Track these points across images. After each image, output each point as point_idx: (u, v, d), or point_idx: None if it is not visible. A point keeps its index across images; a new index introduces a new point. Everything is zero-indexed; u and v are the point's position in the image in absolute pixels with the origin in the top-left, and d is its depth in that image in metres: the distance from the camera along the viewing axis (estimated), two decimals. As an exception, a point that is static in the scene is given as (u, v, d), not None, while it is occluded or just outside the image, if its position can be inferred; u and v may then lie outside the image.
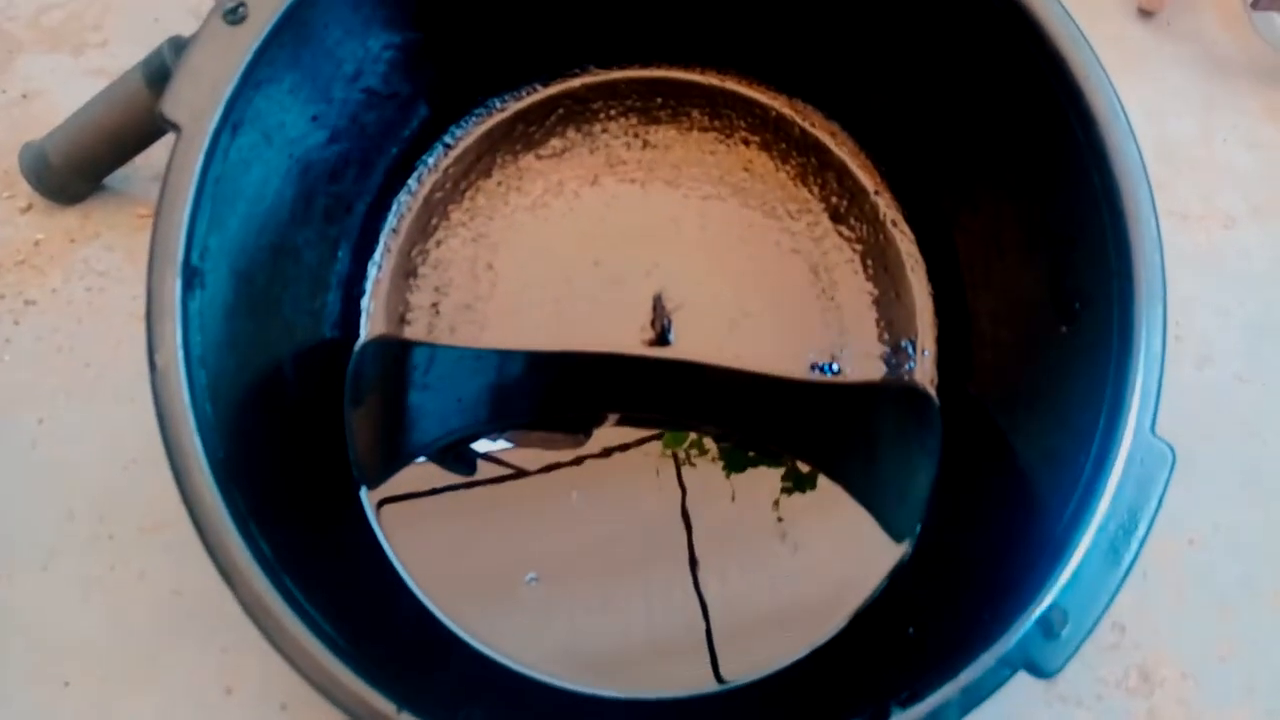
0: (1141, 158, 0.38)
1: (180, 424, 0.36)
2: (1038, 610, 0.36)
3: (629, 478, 0.48)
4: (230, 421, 0.38)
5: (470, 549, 0.47)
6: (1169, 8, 0.70)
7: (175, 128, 0.36)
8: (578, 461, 0.49)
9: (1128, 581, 0.36)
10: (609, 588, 0.47)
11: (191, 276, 0.37)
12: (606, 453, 0.49)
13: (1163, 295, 0.37)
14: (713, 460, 0.49)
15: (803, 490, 0.48)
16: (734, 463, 0.49)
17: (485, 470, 0.48)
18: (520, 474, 0.48)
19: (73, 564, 0.48)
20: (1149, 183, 0.38)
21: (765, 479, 0.49)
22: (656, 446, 0.49)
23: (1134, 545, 0.37)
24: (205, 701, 0.46)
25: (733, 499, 0.48)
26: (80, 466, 0.50)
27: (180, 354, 0.36)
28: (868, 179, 0.52)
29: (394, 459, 0.48)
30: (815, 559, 0.47)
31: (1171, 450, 0.37)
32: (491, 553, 0.47)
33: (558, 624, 0.46)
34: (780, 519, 0.48)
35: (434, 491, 0.48)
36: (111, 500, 0.49)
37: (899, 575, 0.46)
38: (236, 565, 0.35)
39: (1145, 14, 0.70)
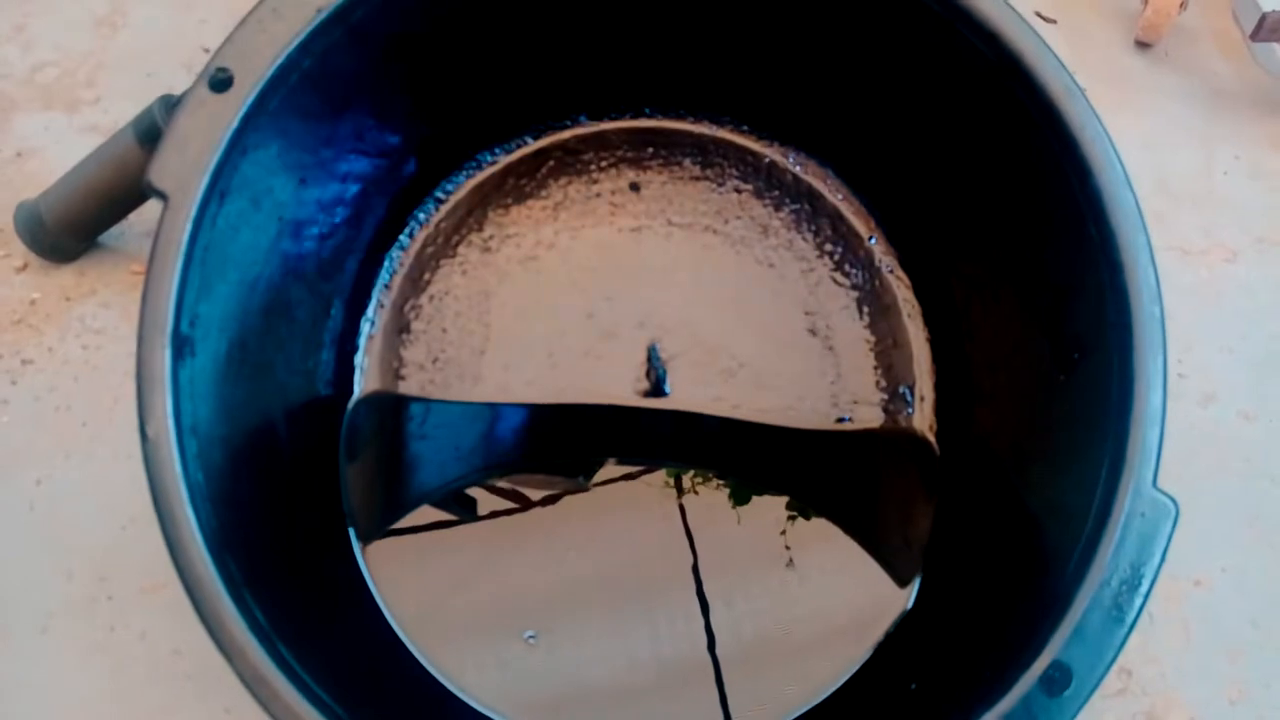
0: (1139, 208, 0.38)
1: (172, 495, 0.35)
2: (1040, 668, 0.35)
3: (632, 508, 0.48)
4: (223, 488, 0.38)
5: (466, 596, 0.47)
6: (1167, 39, 0.70)
7: (163, 197, 0.36)
8: (578, 491, 0.48)
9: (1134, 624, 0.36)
10: (612, 631, 0.46)
11: (182, 345, 0.37)
12: (606, 483, 0.49)
13: (1163, 347, 0.37)
14: (717, 488, 0.48)
15: (807, 517, 0.48)
16: (739, 495, 0.48)
17: (485, 503, 0.48)
18: (522, 505, 0.48)
19: (72, 625, 0.48)
20: (1147, 234, 0.37)
21: (770, 506, 0.48)
22: (659, 476, 0.49)
23: (1138, 601, 0.36)
24: (205, 764, 0.46)
25: (739, 522, 0.48)
26: (79, 527, 0.50)
27: (171, 424, 0.36)
28: (862, 225, 0.51)
29: (391, 511, 0.48)
30: (822, 592, 0.47)
31: (1175, 504, 0.36)
32: (491, 603, 0.47)
33: (558, 679, 0.46)
34: (788, 546, 0.48)
35: (431, 527, 0.48)
36: (110, 560, 0.49)
37: (902, 627, 0.46)
38: (233, 638, 0.34)
39: (1143, 45, 0.70)
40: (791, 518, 0.48)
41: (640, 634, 0.46)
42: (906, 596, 0.47)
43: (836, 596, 0.47)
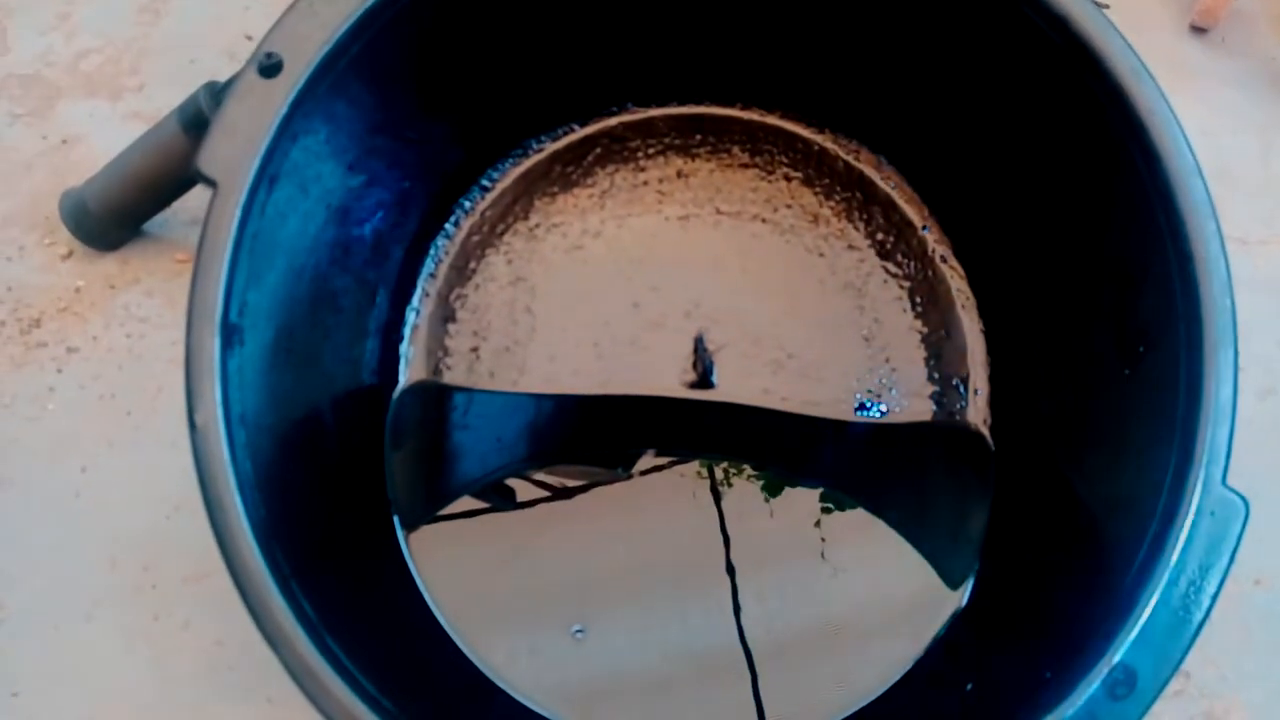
0: (1209, 195, 0.36)
1: (221, 483, 0.35)
2: (1104, 670, 0.34)
3: (666, 499, 0.48)
4: (271, 476, 0.37)
5: (508, 589, 0.47)
6: (1224, 23, 0.68)
7: (212, 184, 0.36)
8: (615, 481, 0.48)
9: (1193, 626, 0.35)
10: (651, 633, 0.46)
11: (230, 334, 0.36)
12: (641, 474, 0.48)
13: (1233, 340, 0.36)
14: (749, 479, 0.48)
15: (843, 509, 0.47)
16: (772, 486, 0.47)
17: (523, 492, 0.48)
18: (560, 493, 0.48)
19: (116, 614, 0.48)
20: (1218, 222, 0.36)
21: (804, 497, 0.48)
22: (693, 467, 0.48)
23: (1205, 603, 0.35)
24: (248, 753, 0.46)
25: (771, 515, 0.47)
26: (123, 515, 0.50)
27: (220, 412, 0.35)
28: (915, 213, 0.50)
29: (435, 499, 0.48)
30: (861, 586, 0.46)
31: (1245, 502, 0.35)
32: (530, 593, 0.47)
33: (602, 676, 0.45)
34: (823, 539, 0.47)
35: (471, 514, 0.48)
36: (155, 549, 0.49)
37: (956, 624, 0.45)
38: (281, 629, 0.34)
39: (1198, 30, 0.68)
40: (826, 509, 0.47)
41: (673, 626, 0.46)
42: (958, 596, 0.46)
43: (874, 591, 0.46)
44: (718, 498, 0.48)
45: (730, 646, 0.45)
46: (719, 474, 0.48)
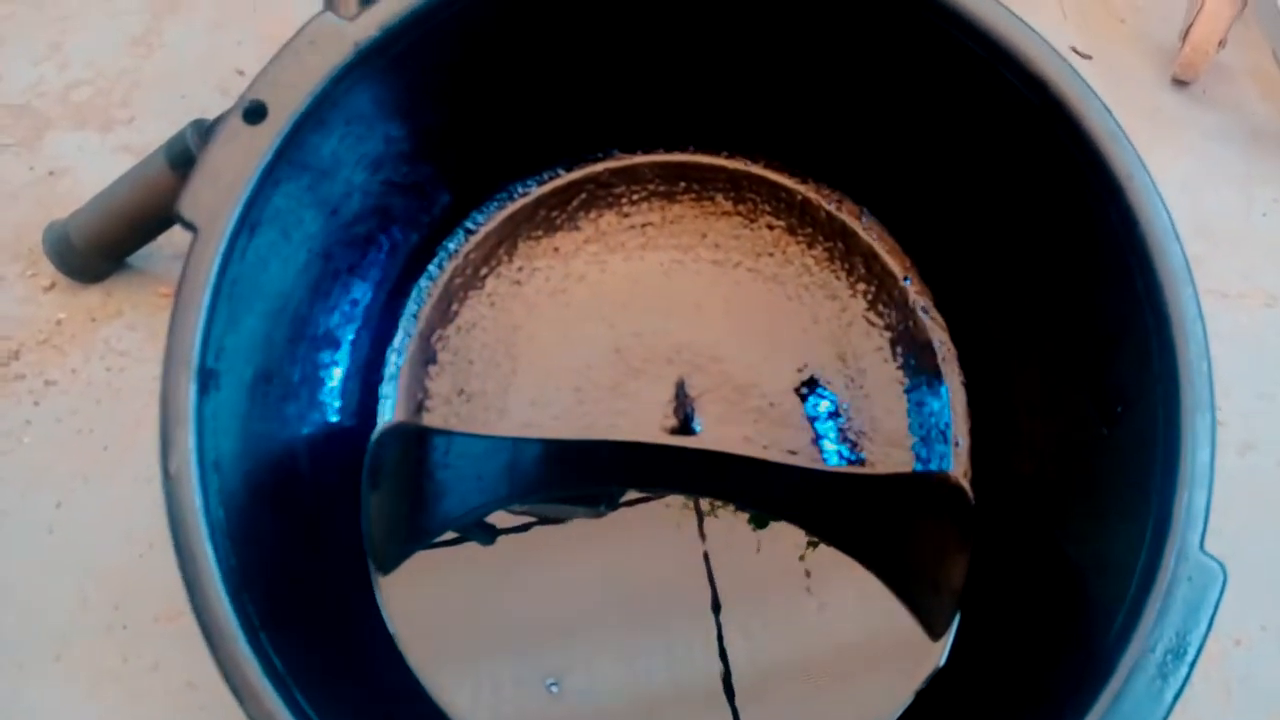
0: (1186, 260, 0.37)
1: (192, 533, 0.35)
2: (1081, 738, 0.34)
3: (650, 531, 0.47)
4: (244, 525, 0.37)
5: (485, 629, 0.46)
6: (1205, 77, 0.69)
7: (192, 229, 0.36)
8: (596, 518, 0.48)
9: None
10: (632, 678, 0.45)
11: (207, 379, 0.36)
12: (626, 504, 0.48)
13: (1210, 404, 0.36)
14: (735, 512, 0.48)
15: (828, 544, 0.47)
16: (758, 519, 0.48)
17: (504, 521, 0.48)
18: (542, 520, 0.47)
19: (86, 654, 0.47)
20: (1194, 286, 0.36)
21: (790, 530, 0.48)
22: (678, 500, 0.48)
23: (1184, 671, 0.35)
24: (217, 799, 0.45)
25: (758, 549, 0.47)
26: (96, 552, 0.50)
27: (194, 460, 0.35)
28: (896, 264, 0.50)
29: (414, 537, 0.47)
30: (844, 624, 0.46)
31: (1223, 569, 0.35)
32: (507, 635, 0.46)
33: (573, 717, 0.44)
34: (808, 572, 0.47)
35: (449, 544, 0.47)
36: (126, 588, 0.49)
37: (936, 681, 0.45)
38: (249, 683, 0.34)
39: (1180, 83, 0.69)
40: (812, 544, 0.47)
41: (656, 663, 0.45)
42: (939, 646, 0.45)
43: (860, 632, 0.46)
44: (703, 530, 0.47)
45: (712, 686, 0.45)
46: (705, 505, 0.48)
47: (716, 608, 0.46)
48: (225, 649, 0.34)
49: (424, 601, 0.46)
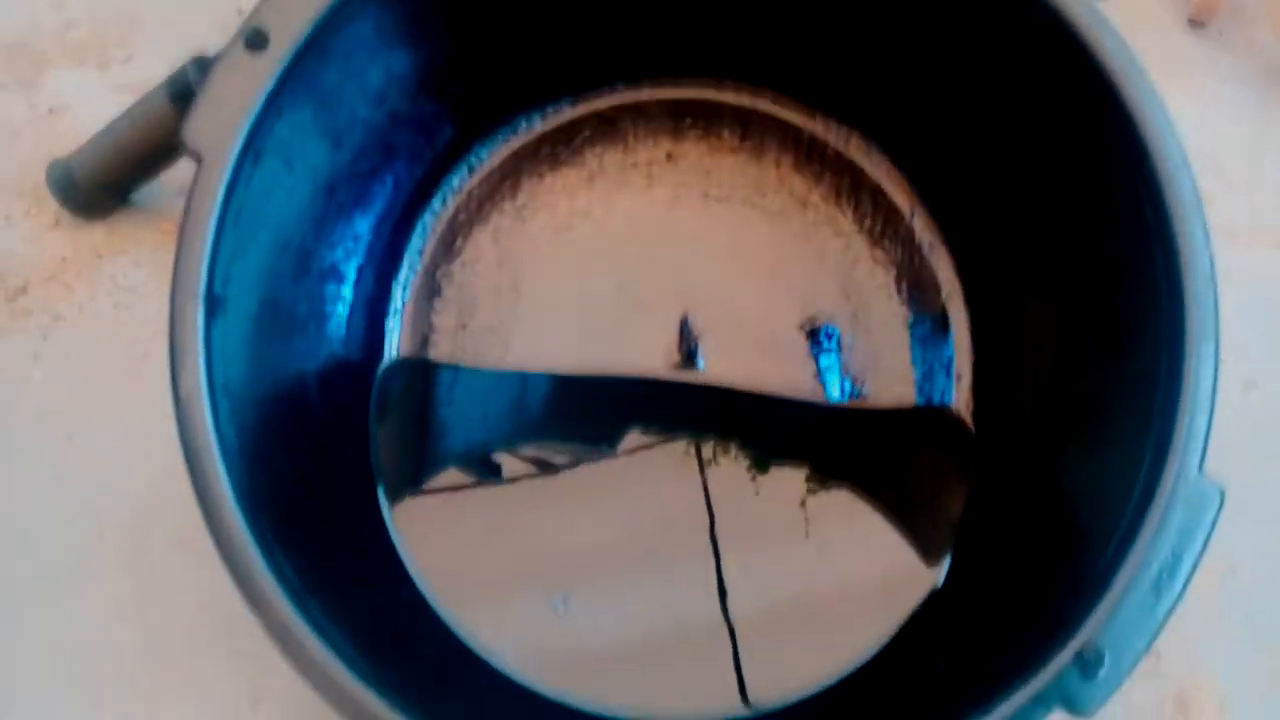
0: (1197, 192, 0.37)
1: (205, 453, 0.35)
2: (1075, 649, 0.35)
3: (652, 476, 0.48)
4: (255, 447, 0.38)
5: (493, 561, 0.47)
6: (1221, 18, 0.68)
7: (197, 157, 0.36)
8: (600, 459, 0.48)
9: (1166, 610, 0.35)
10: (633, 598, 0.46)
11: (214, 305, 0.36)
12: (628, 451, 0.48)
13: (1215, 334, 0.36)
14: (736, 459, 0.48)
15: (828, 488, 0.48)
16: (759, 463, 0.48)
17: (510, 468, 0.48)
18: (544, 468, 0.48)
19: (103, 583, 0.48)
20: (1204, 219, 0.36)
21: (790, 477, 0.48)
22: (680, 445, 0.48)
23: (1177, 587, 0.36)
24: (234, 715, 0.46)
25: (757, 494, 0.48)
26: (109, 484, 0.50)
27: (204, 382, 0.36)
28: (903, 200, 0.50)
29: (419, 471, 0.48)
30: (844, 564, 0.47)
31: (1220, 492, 0.36)
32: (515, 564, 0.47)
33: (583, 645, 0.46)
34: (807, 519, 0.47)
35: (456, 489, 0.48)
36: (140, 517, 0.49)
37: (931, 603, 0.45)
38: (263, 592, 0.34)
39: (1196, 24, 0.68)
40: (812, 490, 0.48)
41: (657, 600, 0.46)
42: (936, 574, 0.46)
43: (858, 570, 0.47)
44: (704, 476, 0.48)
45: (713, 619, 0.46)
46: (706, 454, 0.48)
47: (716, 549, 0.47)
48: (239, 561, 0.34)
49: (434, 538, 0.47)
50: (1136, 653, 0.35)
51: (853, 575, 0.47)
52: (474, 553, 0.47)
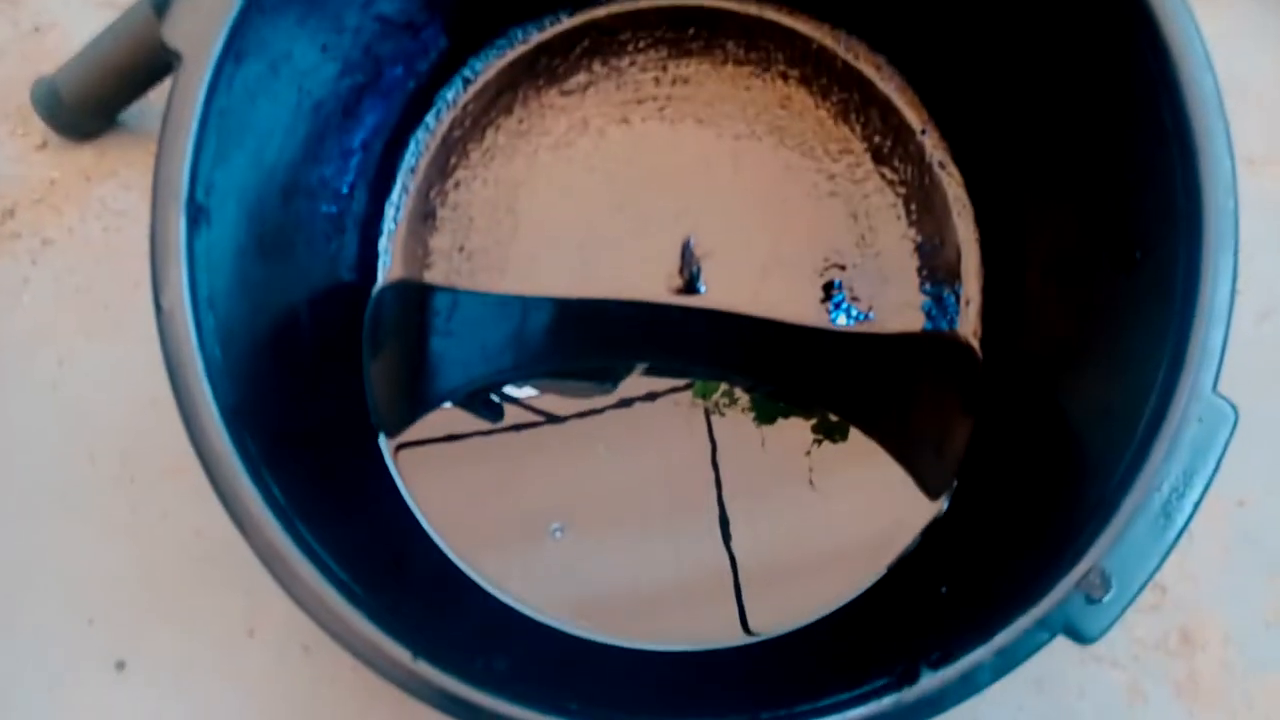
0: (1219, 92, 0.35)
1: (188, 368, 0.34)
2: (1081, 573, 0.34)
3: (658, 426, 0.47)
4: (242, 366, 0.37)
5: (492, 496, 0.46)
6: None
7: (176, 56, 0.35)
8: (605, 409, 0.47)
9: (1172, 542, 0.34)
10: (635, 536, 0.46)
11: (197, 214, 0.35)
12: (633, 401, 0.47)
13: (1234, 243, 0.35)
14: (743, 410, 0.47)
15: (834, 440, 0.47)
16: (764, 414, 0.47)
17: (512, 416, 0.47)
18: (549, 419, 0.47)
19: (95, 506, 0.48)
20: (1226, 120, 0.35)
21: (796, 428, 0.47)
22: (686, 396, 0.47)
23: (1187, 509, 0.34)
24: (228, 642, 0.46)
25: (763, 445, 0.47)
26: (101, 408, 0.50)
27: (187, 295, 0.35)
28: (914, 116, 0.49)
29: (415, 406, 0.47)
30: (846, 509, 0.46)
31: (1234, 409, 0.35)
32: (514, 501, 0.46)
33: (581, 573, 0.45)
34: (811, 469, 0.46)
35: (456, 437, 0.47)
36: (132, 442, 0.49)
37: (934, 531, 0.45)
38: (249, 512, 0.34)
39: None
40: (818, 441, 0.47)
41: (660, 543, 0.46)
42: (937, 506, 0.45)
43: (861, 514, 0.46)
44: (710, 425, 0.47)
45: (716, 561, 0.45)
46: (712, 403, 0.47)
47: (721, 498, 0.46)
48: (225, 481, 0.34)
49: (433, 484, 0.46)
50: (1144, 576, 0.34)
51: (856, 522, 0.46)
52: (474, 496, 0.46)
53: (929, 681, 0.33)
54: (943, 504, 0.45)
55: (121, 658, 0.46)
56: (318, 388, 0.44)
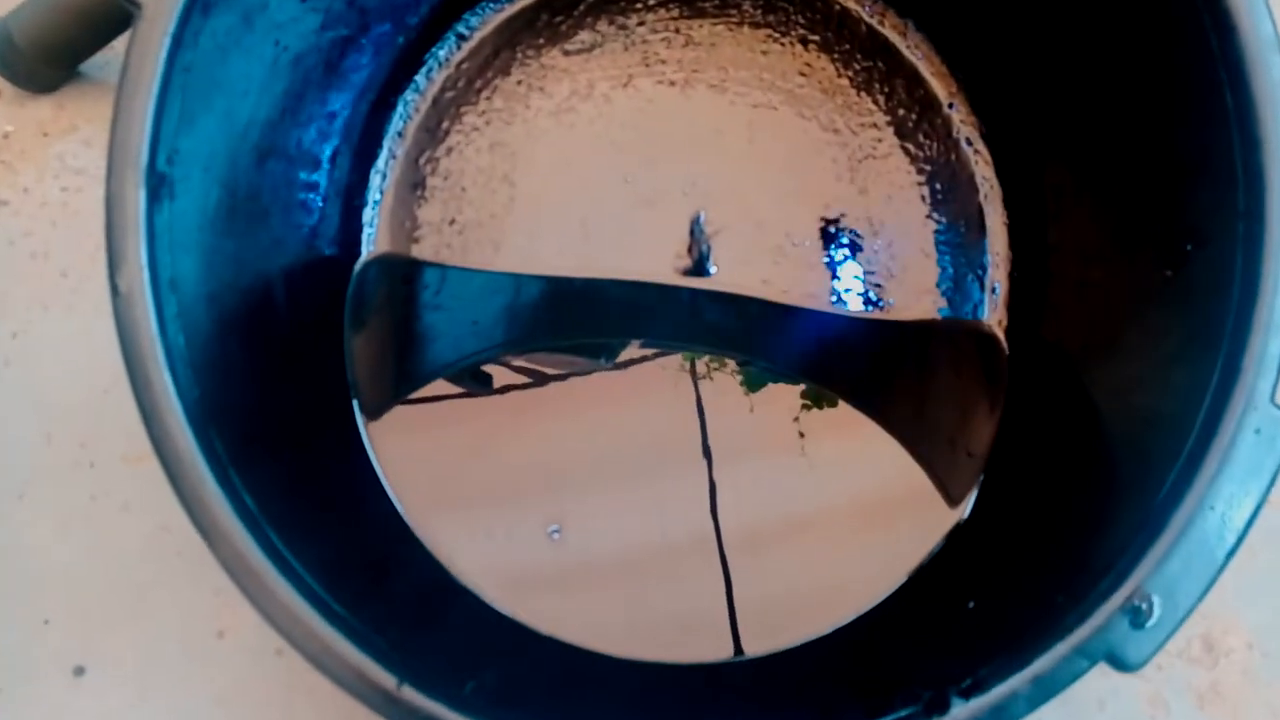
0: (1289, 76, 0.32)
1: (148, 358, 0.31)
2: (1125, 595, 0.31)
3: (645, 391, 0.45)
4: (208, 354, 0.33)
5: (476, 479, 0.44)
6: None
7: (135, 5, 0.31)
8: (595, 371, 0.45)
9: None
10: (620, 521, 0.43)
11: (158, 184, 0.32)
12: (624, 365, 0.45)
13: (1300, 241, 0.32)
14: (732, 374, 0.45)
15: (820, 407, 0.45)
16: (753, 383, 0.44)
17: (499, 378, 0.45)
18: (537, 380, 0.45)
19: (51, 492, 0.45)
20: (1296, 108, 0.32)
21: (784, 394, 0.45)
22: (675, 360, 0.45)
23: (1239, 526, 0.32)
24: (196, 644, 0.44)
25: (751, 410, 0.45)
26: (58, 386, 0.46)
27: (146, 276, 0.31)
28: (942, 89, 0.45)
29: (401, 386, 0.44)
30: (837, 482, 0.44)
31: (1295, 422, 0.32)
32: (500, 483, 0.44)
33: (573, 579, 0.43)
34: (801, 434, 0.44)
35: (439, 399, 0.44)
36: (92, 425, 0.46)
37: (957, 538, 0.42)
38: (215, 521, 0.31)
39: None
40: (806, 406, 0.44)
41: (648, 516, 0.44)
42: (960, 510, 0.43)
43: (854, 491, 0.44)
44: (698, 390, 0.44)
45: (705, 537, 0.43)
46: (701, 368, 0.44)
47: (709, 464, 0.44)
48: (189, 486, 0.31)
49: (414, 454, 0.43)
50: (1191, 600, 0.31)
51: (851, 498, 0.44)
52: (457, 471, 0.44)
53: (960, 712, 0.30)
54: (965, 511, 0.43)
55: (80, 662, 0.43)
56: (293, 373, 0.41)
